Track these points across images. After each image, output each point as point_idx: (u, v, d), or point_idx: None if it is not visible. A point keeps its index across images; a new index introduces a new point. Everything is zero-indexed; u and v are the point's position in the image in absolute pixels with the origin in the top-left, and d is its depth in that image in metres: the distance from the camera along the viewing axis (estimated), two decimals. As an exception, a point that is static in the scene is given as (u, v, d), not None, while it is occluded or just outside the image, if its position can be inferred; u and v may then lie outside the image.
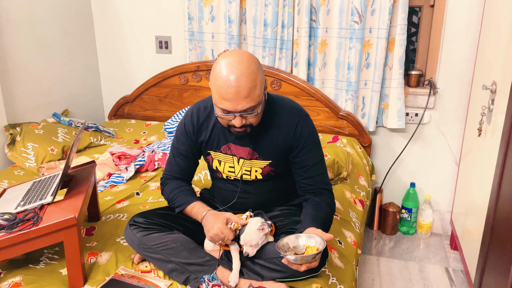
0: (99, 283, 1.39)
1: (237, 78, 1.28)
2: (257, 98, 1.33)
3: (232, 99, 1.30)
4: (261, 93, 1.34)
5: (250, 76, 1.29)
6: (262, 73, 1.35)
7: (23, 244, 1.31)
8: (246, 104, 1.31)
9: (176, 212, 1.52)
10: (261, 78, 1.34)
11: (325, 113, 2.56)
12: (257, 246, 1.38)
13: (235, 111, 1.32)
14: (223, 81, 1.29)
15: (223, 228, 1.36)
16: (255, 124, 1.41)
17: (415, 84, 2.52)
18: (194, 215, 1.48)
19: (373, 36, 2.41)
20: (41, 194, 1.52)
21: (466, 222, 2.17)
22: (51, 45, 2.64)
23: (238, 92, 1.29)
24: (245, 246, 1.37)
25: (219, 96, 1.32)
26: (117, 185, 2.12)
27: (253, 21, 2.54)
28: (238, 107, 1.31)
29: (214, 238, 1.37)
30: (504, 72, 1.73)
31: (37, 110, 2.57)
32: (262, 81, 1.35)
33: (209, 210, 1.44)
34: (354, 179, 2.25)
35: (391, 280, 2.24)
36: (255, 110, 1.35)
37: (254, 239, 1.37)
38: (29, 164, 2.25)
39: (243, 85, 1.29)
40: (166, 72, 2.77)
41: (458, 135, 2.51)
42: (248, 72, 1.29)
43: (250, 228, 1.38)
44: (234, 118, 1.35)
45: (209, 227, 1.38)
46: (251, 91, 1.30)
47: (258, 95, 1.33)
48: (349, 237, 1.75)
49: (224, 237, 1.36)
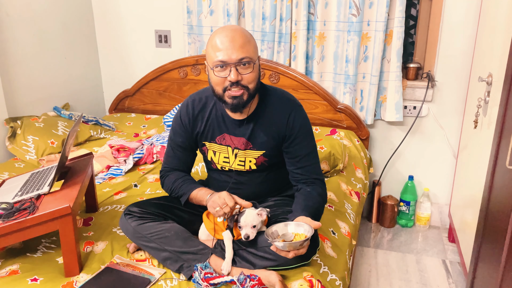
0: (94, 271, 1.42)
1: (231, 30, 1.37)
2: (252, 52, 1.38)
3: (227, 48, 1.35)
4: (255, 52, 1.40)
5: (243, 32, 1.38)
6: (254, 41, 1.42)
7: (19, 233, 1.34)
8: (241, 54, 1.35)
9: (182, 202, 1.54)
10: (254, 43, 1.41)
11: (323, 106, 2.56)
12: (257, 229, 1.40)
13: (230, 61, 1.35)
14: (218, 35, 1.37)
15: (227, 194, 1.39)
16: (251, 88, 1.40)
17: (413, 77, 2.52)
18: (199, 199, 1.49)
19: (371, 29, 2.41)
20: (38, 184, 1.54)
21: (464, 215, 2.18)
22: (51, 39, 2.66)
23: (232, 40, 1.35)
24: (245, 228, 1.38)
25: (214, 49, 1.37)
26: (115, 177, 2.14)
27: (251, 14, 2.55)
28: (233, 56, 1.35)
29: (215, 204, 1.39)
30: (500, 64, 1.73)
31: (37, 104, 2.60)
32: (255, 45, 1.41)
33: (213, 193, 1.46)
34: (351, 171, 2.26)
35: (387, 272, 2.25)
36: (250, 64, 1.37)
37: (254, 221, 1.38)
38: (29, 157, 2.28)
39: (238, 35, 1.36)
40: (166, 66, 2.79)
41: (456, 128, 2.51)
42: (242, 30, 1.38)
43: (250, 212, 1.40)
44: (230, 73, 1.36)
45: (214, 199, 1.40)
46: (245, 43, 1.36)
47: (252, 51, 1.38)
48: (343, 228, 1.77)
49: (225, 203, 1.37)
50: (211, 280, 1.33)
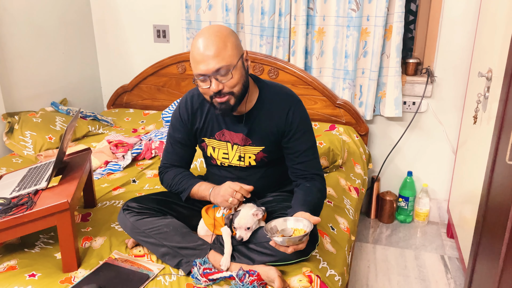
0: (92, 266, 1.41)
1: (205, 39, 1.33)
2: (228, 58, 1.33)
3: (202, 60, 1.32)
4: (233, 55, 1.34)
5: (219, 37, 1.32)
6: (234, 37, 1.37)
7: (17, 228, 1.33)
8: (216, 64, 1.32)
9: (183, 199, 1.54)
10: (233, 41, 1.35)
11: (322, 102, 2.55)
12: (251, 230, 1.39)
13: (208, 73, 1.33)
14: (194, 45, 1.34)
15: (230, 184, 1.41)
16: (236, 92, 1.38)
17: (412, 73, 2.52)
18: (201, 194, 1.50)
19: (370, 24, 2.39)
20: (36, 180, 1.54)
21: (463, 211, 2.18)
22: (48, 34, 2.64)
23: (206, 49, 1.31)
24: (239, 230, 1.38)
25: (193, 61, 1.36)
26: (114, 172, 2.14)
27: (250, 9, 2.54)
28: (210, 66, 1.32)
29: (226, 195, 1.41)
30: (500, 59, 1.72)
31: (35, 99, 2.58)
32: (235, 45, 1.35)
33: (214, 186, 1.48)
34: (350, 167, 2.26)
35: (386, 267, 2.25)
36: (228, 72, 1.34)
37: (248, 222, 1.38)
38: (27, 152, 2.27)
39: (211, 44, 1.31)
40: (164, 61, 2.78)
41: (456, 123, 2.50)
42: (218, 34, 1.33)
43: (245, 213, 1.39)
44: (211, 84, 1.35)
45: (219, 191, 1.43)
46: (220, 50, 1.32)
47: (229, 56, 1.33)
48: (342, 224, 1.76)
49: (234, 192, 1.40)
50: (210, 275, 1.33)
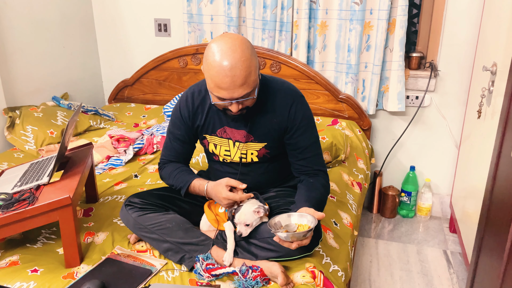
0: (95, 262, 1.41)
1: (232, 67, 1.26)
2: (252, 83, 1.32)
3: (228, 88, 1.29)
4: (256, 77, 1.33)
5: (244, 63, 1.27)
6: (255, 57, 1.33)
7: (18, 223, 1.33)
8: (242, 92, 1.30)
9: (183, 195, 1.53)
10: (255, 63, 1.32)
11: (324, 96, 2.54)
12: (251, 227, 1.39)
13: (232, 99, 1.32)
14: (218, 70, 1.27)
15: (225, 195, 1.41)
16: (251, 105, 1.41)
17: (416, 67, 2.50)
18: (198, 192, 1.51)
19: (373, 17, 2.37)
20: (37, 175, 1.53)
21: (465, 206, 2.17)
22: (49, 28, 2.63)
23: (233, 81, 1.28)
24: (239, 225, 1.38)
25: (214, 85, 1.30)
26: (115, 167, 2.13)
27: (252, 2, 2.51)
28: (235, 95, 1.30)
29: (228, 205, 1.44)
30: (505, 53, 1.70)
31: (36, 94, 2.57)
32: (256, 66, 1.33)
33: (208, 183, 1.48)
34: (352, 162, 2.25)
35: (388, 262, 2.25)
36: (251, 95, 1.34)
37: (248, 219, 1.37)
38: (28, 147, 2.26)
39: (239, 73, 1.27)
40: (165, 55, 2.76)
41: (459, 118, 2.49)
42: (243, 60, 1.27)
43: (246, 209, 1.39)
44: (231, 105, 1.34)
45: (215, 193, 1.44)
46: (246, 78, 1.29)
47: (253, 81, 1.32)
48: (345, 219, 1.76)
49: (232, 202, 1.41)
50: (212, 271, 1.32)
